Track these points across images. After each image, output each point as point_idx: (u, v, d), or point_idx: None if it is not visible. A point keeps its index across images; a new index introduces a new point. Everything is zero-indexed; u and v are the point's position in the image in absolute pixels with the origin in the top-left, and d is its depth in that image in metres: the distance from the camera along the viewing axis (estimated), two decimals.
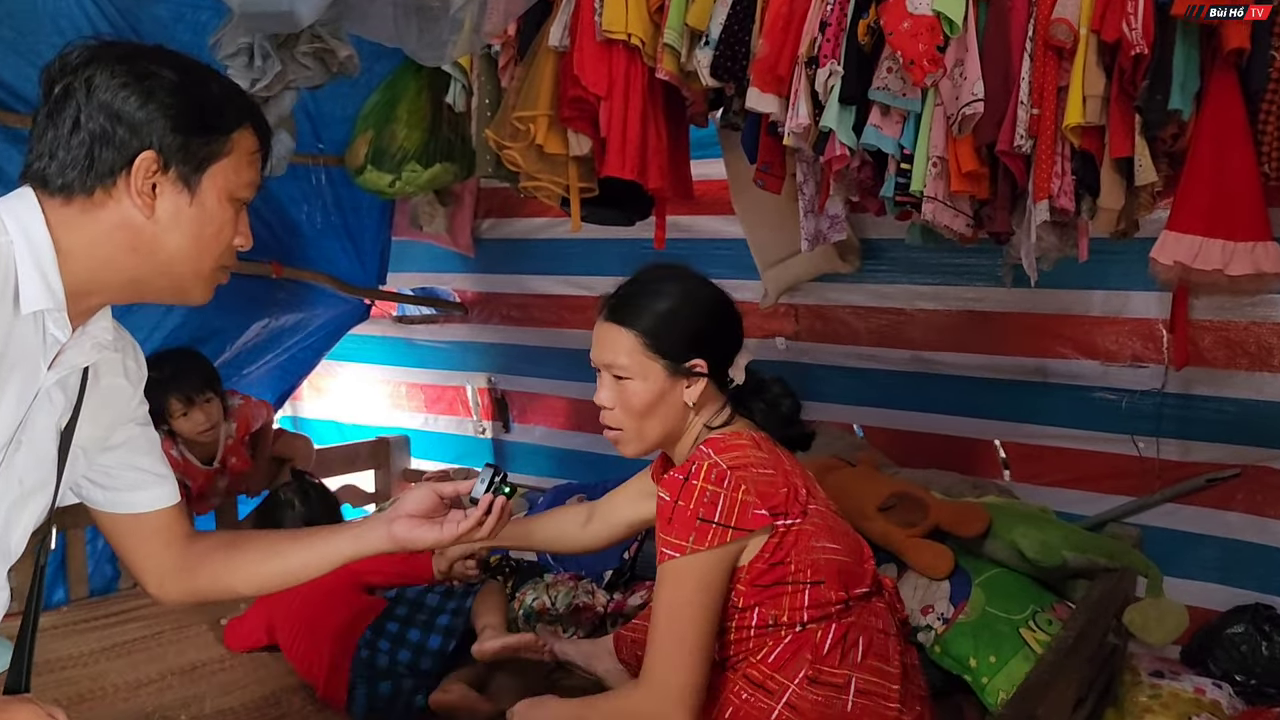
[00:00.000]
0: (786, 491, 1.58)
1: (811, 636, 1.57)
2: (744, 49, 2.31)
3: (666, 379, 1.64)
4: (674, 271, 1.74)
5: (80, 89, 1.12)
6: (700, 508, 1.52)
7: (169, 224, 1.17)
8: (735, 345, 1.73)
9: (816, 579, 1.58)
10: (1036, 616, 2.18)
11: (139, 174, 1.14)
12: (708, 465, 1.54)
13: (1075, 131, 1.96)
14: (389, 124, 3.21)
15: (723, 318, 1.72)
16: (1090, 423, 2.71)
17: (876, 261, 2.94)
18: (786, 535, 1.56)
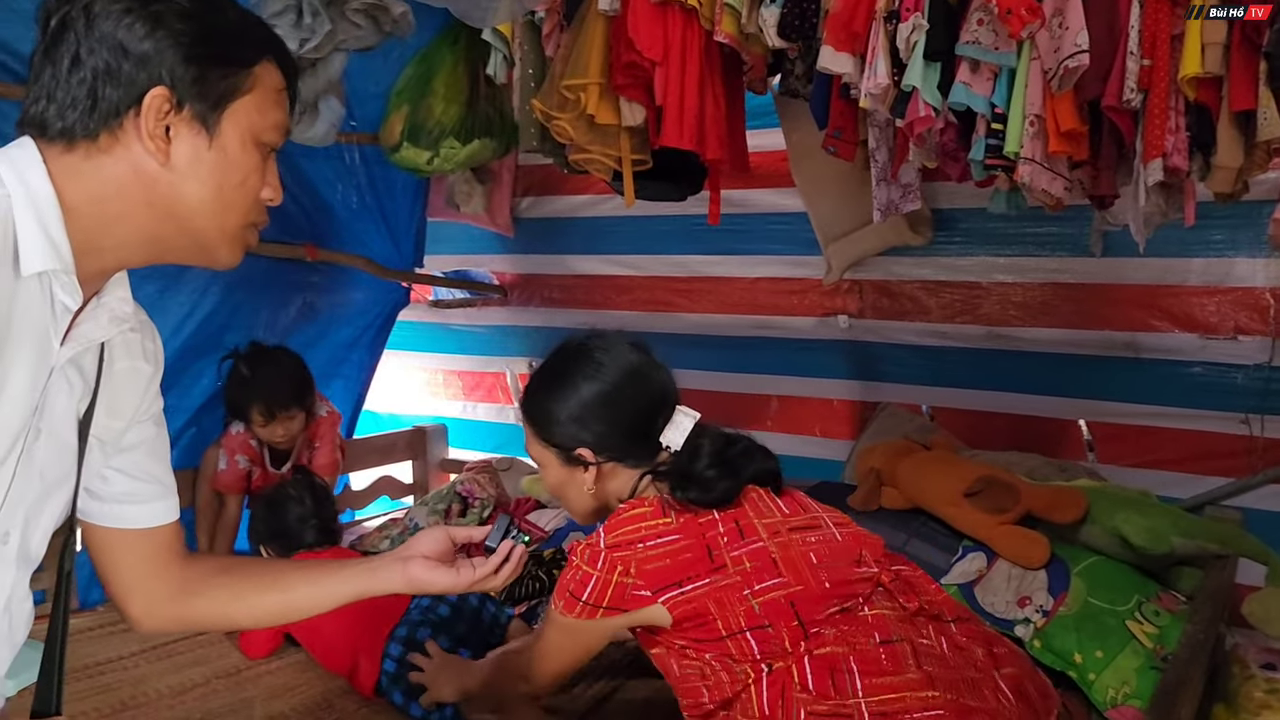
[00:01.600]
0: (690, 557, 1.52)
1: (787, 675, 1.47)
2: (814, 6, 2.17)
3: (561, 467, 1.68)
4: (572, 350, 1.72)
5: (79, 19, 0.98)
6: (571, 583, 1.55)
7: (187, 171, 1.03)
8: (643, 424, 1.66)
9: (755, 624, 1.49)
10: (1142, 607, 2.06)
11: (150, 113, 0.99)
12: (586, 546, 1.56)
13: (1191, 83, 1.80)
14: (425, 99, 3.08)
15: (615, 404, 1.66)
16: (1186, 400, 2.56)
17: (949, 233, 2.79)
18: (693, 598, 1.50)
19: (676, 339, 3.49)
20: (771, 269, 3.20)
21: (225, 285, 3.04)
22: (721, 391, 3.44)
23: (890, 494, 2.44)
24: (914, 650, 1.49)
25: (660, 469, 1.65)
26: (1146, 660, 1.95)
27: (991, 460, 2.53)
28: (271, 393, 2.80)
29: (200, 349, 3.06)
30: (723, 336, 3.36)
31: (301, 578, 1.36)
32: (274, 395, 2.80)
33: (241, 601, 1.33)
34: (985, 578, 2.17)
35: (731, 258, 3.26)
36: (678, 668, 1.57)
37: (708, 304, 3.36)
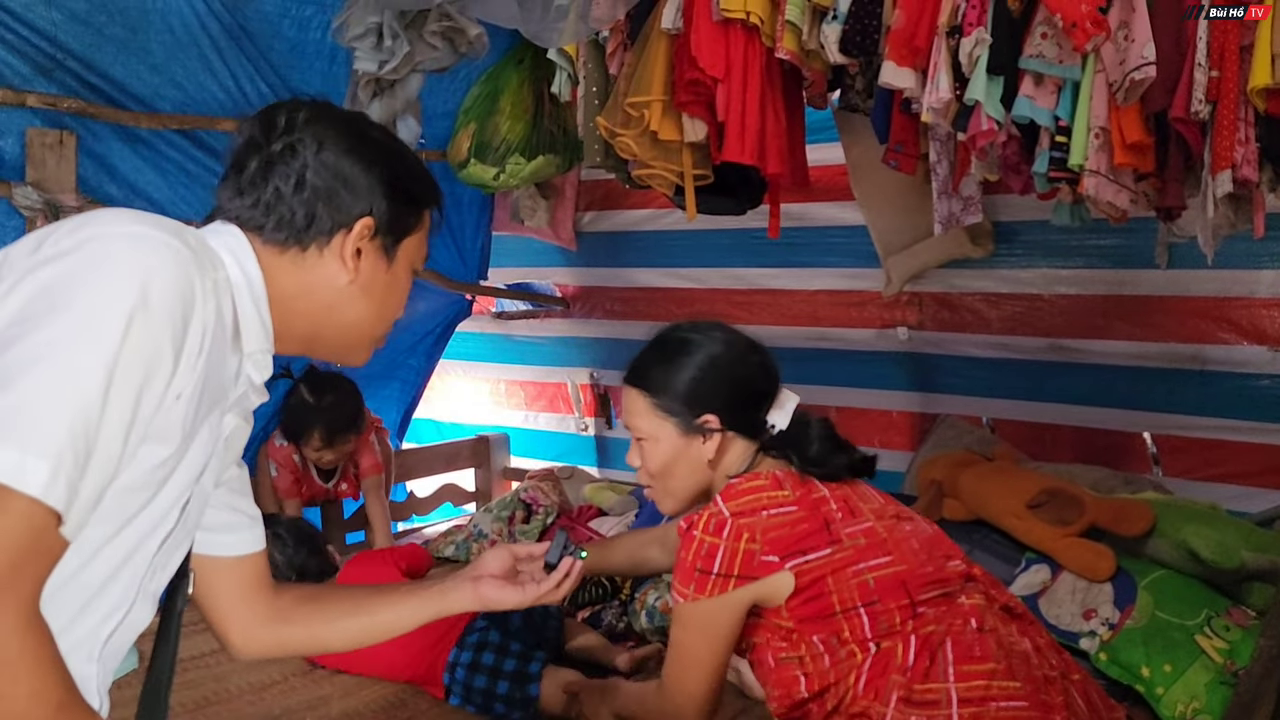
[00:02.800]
0: (808, 528, 1.55)
1: (891, 655, 1.50)
2: (875, 22, 2.19)
3: (680, 437, 1.65)
4: (687, 328, 1.75)
5: (310, 148, 1.14)
6: (698, 559, 1.53)
7: (365, 288, 1.19)
8: (759, 395, 1.69)
9: (869, 600, 1.53)
10: (1212, 622, 2.03)
11: (355, 238, 1.16)
12: (708, 515, 1.55)
13: (1261, 94, 1.79)
14: (492, 116, 3.16)
15: (735, 370, 1.69)
16: (1255, 413, 2.52)
17: (1010, 245, 2.78)
18: (815, 571, 1.52)
19: None
20: (831, 281, 3.21)
21: None
22: None
23: (952, 505, 2.44)
24: (1000, 643, 1.52)
25: (772, 445, 1.67)
26: (1217, 676, 1.93)
27: (1055, 473, 2.51)
28: (334, 419, 2.89)
29: None
30: (782, 349, 3.30)
31: (383, 602, 1.46)
32: (336, 422, 2.90)
33: (331, 626, 1.43)
34: (1049, 590, 2.17)
35: (791, 270, 3.28)
36: (774, 659, 1.58)
37: (767, 316, 3.38)
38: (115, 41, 2.52)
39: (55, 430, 0.83)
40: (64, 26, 2.41)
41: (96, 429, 0.86)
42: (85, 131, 2.53)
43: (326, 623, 1.42)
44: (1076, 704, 1.51)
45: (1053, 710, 1.46)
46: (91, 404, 0.86)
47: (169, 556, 1.13)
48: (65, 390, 0.84)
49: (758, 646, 1.61)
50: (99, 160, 2.59)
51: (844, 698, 1.52)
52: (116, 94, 2.58)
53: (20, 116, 2.43)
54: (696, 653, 1.58)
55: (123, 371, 0.88)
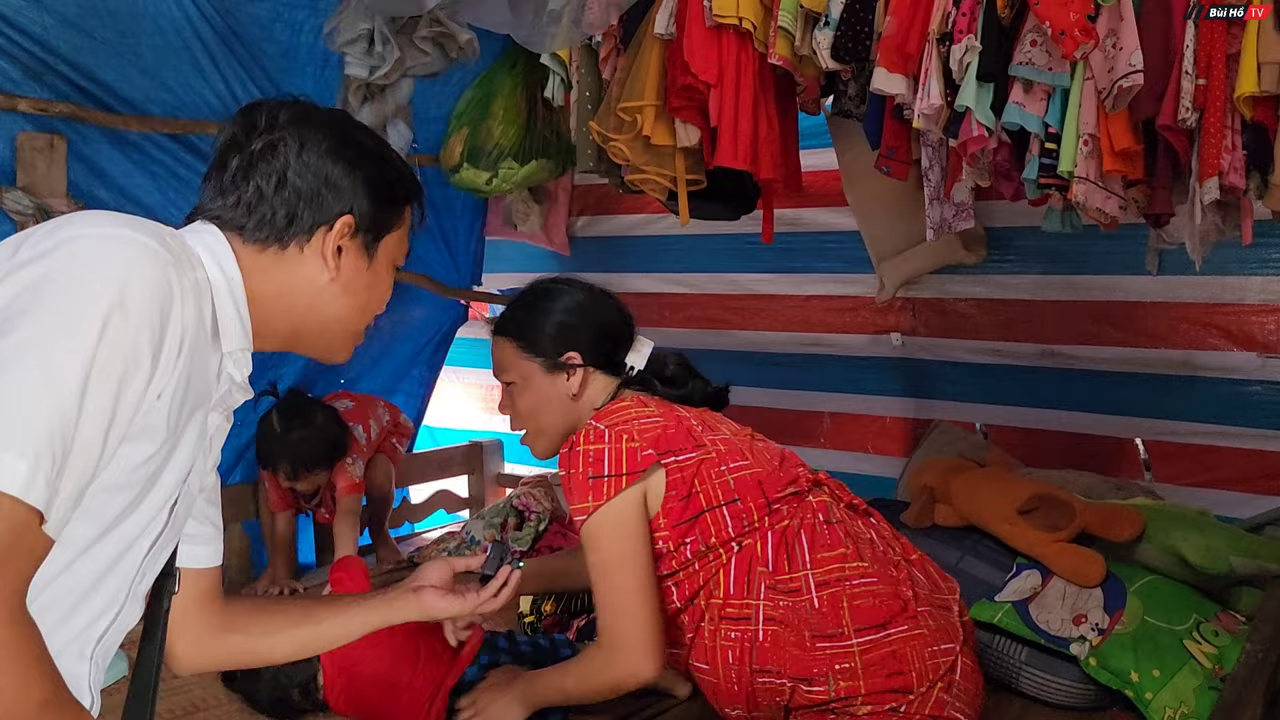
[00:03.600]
0: (676, 432, 1.70)
1: (751, 551, 1.68)
2: (867, 28, 2.19)
3: (545, 376, 1.78)
4: (546, 280, 1.91)
5: (291, 147, 1.15)
6: (588, 469, 1.64)
7: (346, 286, 1.21)
8: (617, 335, 1.85)
9: (730, 498, 1.68)
10: (1200, 627, 2.04)
11: (336, 236, 1.18)
12: (586, 430, 1.68)
13: (1247, 102, 1.80)
14: (484, 121, 3.16)
15: (592, 312, 1.84)
16: (1245, 419, 2.53)
17: (1002, 251, 2.79)
18: (685, 468, 1.67)
19: (729, 356, 3.51)
20: (824, 287, 3.22)
21: None
22: (774, 408, 3.45)
23: (944, 511, 2.44)
24: (848, 531, 1.73)
25: (632, 379, 1.85)
26: (1205, 680, 1.93)
27: (1046, 478, 2.51)
28: (299, 454, 2.78)
29: (264, 364, 3.15)
30: (775, 354, 3.38)
31: (328, 612, 1.48)
32: (301, 457, 2.79)
33: (277, 637, 1.43)
34: (1040, 595, 2.17)
35: (784, 276, 3.28)
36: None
37: (760, 322, 3.38)
38: (106, 45, 2.52)
39: (33, 429, 0.83)
40: (55, 30, 2.42)
41: (74, 428, 0.87)
42: (76, 135, 2.52)
43: (274, 632, 1.42)
44: (918, 577, 1.74)
45: (899, 582, 1.68)
46: (69, 403, 0.86)
47: (158, 558, 1.13)
48: (42, 390, 0.85)
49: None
50: (90, 164, 2.58)
51: (712, 600, 1.68)
52: (107, 98, 2.58)
53: (11, 121, 2.42)
54: (622, 562, 1.64)
55: (100, 371, 0.88)
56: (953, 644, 1.67)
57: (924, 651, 1.63)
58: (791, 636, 1.63)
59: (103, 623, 1.06)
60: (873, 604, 1.64)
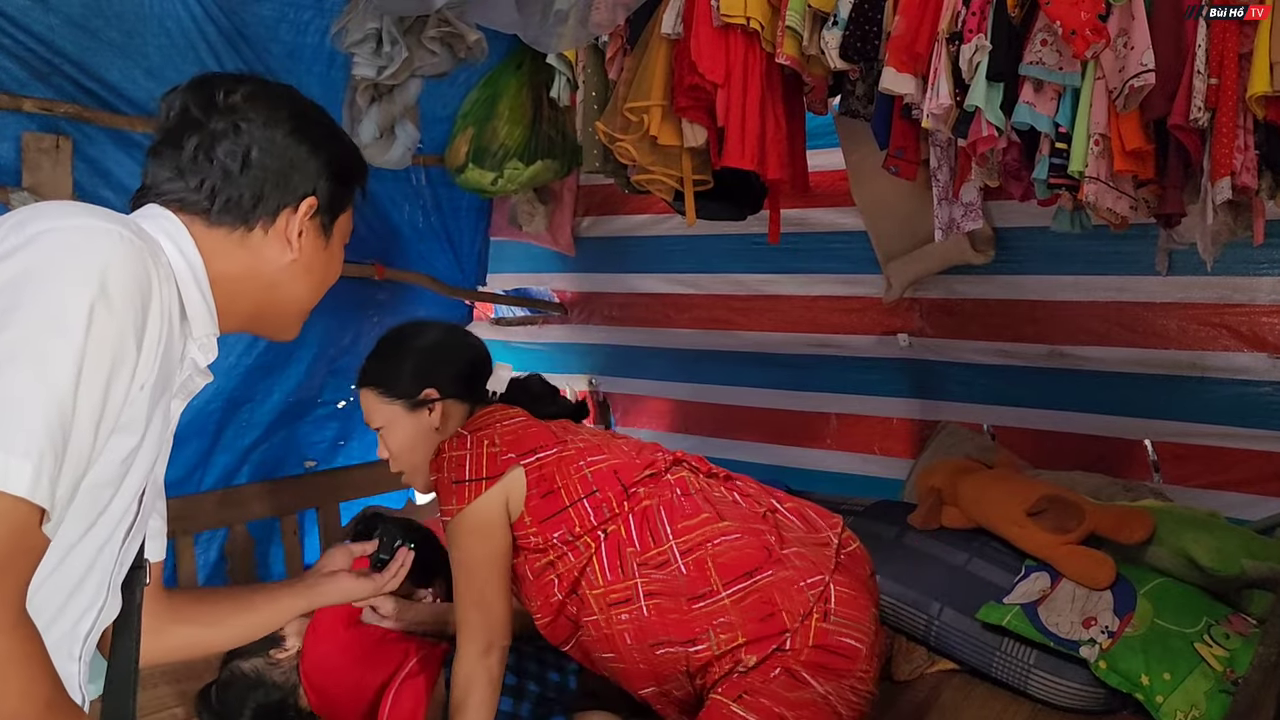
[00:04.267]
0: (537, 430, 1.84)
1: (617, 536, 1.78)
2: (876, 28, 2.18)
3: (408, 415, 1.89)
4: (398, 327, 2.02)
5: (255, 126, 1.14)
6: (451, 473, 1.77)
7: (307, 266, 1.22)
8: (472, 365, 1.99)
9: (589, 490, 1.79)
10: (1211, 630, 2.03)
11: (301, 217, 1.18)
12: (451, 439, 1.83)
13: (1260, 102, 1.78)
14: (490, 121, 3.15)
15: (445, 347, 1.98)
16: (1256, 420, 2.50)
17: (1011, 251, 2.76)
18: (545, 464, 1.79)
19: (736, 357, 3.50)
20: (831, 287, 3.20)
21: None
22: (781, 409, 3.44)
23: (951, 513, 2.44)
24: (707, 498, 1.83)
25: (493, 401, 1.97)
26: (1216, 684, 1.92)
27: (1055, 480, 2.51)
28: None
29: (272, 366, 3.15)
30: (782, 355, 3.37)
31: (263, 598, 1.53)
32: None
33: (219, 626, 1.45)
34: (1049, 598, 2.16)
35: (791, 276, 3.27)
36: (531, 572, 1.82)
37: (767, 322, 3.37)
38: (111, 46, 2.51)
39: (33, 429, 0.83)
40: (60, 31, 2.41)
41: (70, 424, 0.86)
42: (81, 136, 2.52)
43: (215, 622, 1.44)
44: (785, 522, 1.85)
45: (762, 533, 1.78)
46: (65, 399, 0.86)
47: (131, 548, 1.12)
48: (38, 388, 0.84)
49: (518, 566, 1.83)
50: (95, 165, 2.57)
51: (594, 590, 1.78)
52: (112, 98, 2.56)
53: (16, 121, 2.41)
54: (482, 561, 1.78)
55: (90, 365, 0.88)
56: (821, 575, 1.75)
57: (791, 589, 1.72)
58: (671, 605, 1.74)
59: (88, 620, 1.05)
60: (736, 557, 1.75)
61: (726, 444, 3.60)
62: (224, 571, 3.11)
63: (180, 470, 3.00)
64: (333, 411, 3.50)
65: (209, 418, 3.03)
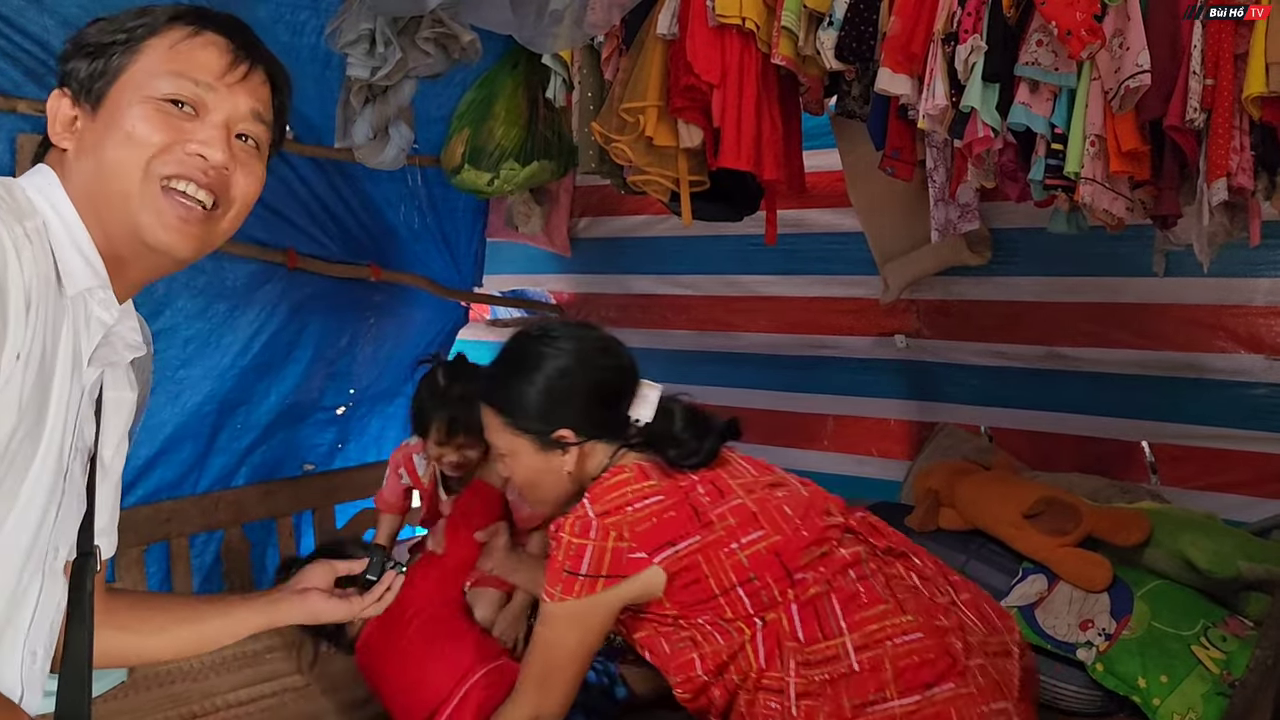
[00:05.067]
0: (676, 516, 1.57)
1: (778, 625, 1.55)
2: (871, 28, 2.18)
3: (537, 454, 1.67)
4: (535, 338, 1.72)
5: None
6: (566, 561, 1.55)
7: (83, 151, 1.07)
8: (615, 395, 1.70)
9: (745, 578, 1.56)
10: (1209, 632, 2.03)
11: (56, 116, 1.09)
12: (574, 518, 1.57)
13: (1256, 103, 1.78)
14: (486, 122, 3.14)
15: (585, 379, 1.68)
16: (1253, 422, 2.49)
17: (1007, 252, 2.76)
18: (684, 557, 1.55)
19: (732, 358, 3.50)
20: (828, 289, 3.19)
21: (292, 305, 3.12)
22: (778, 411, 3.43)
23: (949, 515, 2.43)
24: (887, 581, 1.60)
25: (635, 441, 1.69)
26: (1213, 686, 1.92)
27: (1052, 481, 2.50)
28: (460, 411, 2.40)
29: (267, 367, 3.15)
30: (779, 356, 3.36)
31: (213, 610, 1.42)
32: (461, 415, 2.41)
33: (162, 635, 1.37)
34: (1046, 600, 2.15)
35: (787, 277, 3.26)
36: (668, 644, 1.62)
37: (764, 323, 3.36)
38: None
39: None
40: (55, 32, 2.40)
41: None
42: None
43: (155, 631, 1.36)
44: (969, 623, 1.60)
45: (948, 633, 1.55)
46: None
47: (64, 530, 1.07)
48: None
49: (647, 638, 1.65)
50: None
51: (747, 672, 1.56)
52: None
53: (10, 122, 2.42)
54: (564, 648, 1.60)
55: None
56: (1006, 702, 1.53)
57: (972, 712, 1.49)
58: (828, 707, 1.50)
59: (25, 609, 1.02)
60: (919, 662, 1.51)
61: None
62: (220, 575, 3.10)
63: (175, 472, 3.00)
64: (332, 416, 3.50)
65: (204, 420, 3.03)
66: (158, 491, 2.95)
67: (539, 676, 1.64)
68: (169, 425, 2.93)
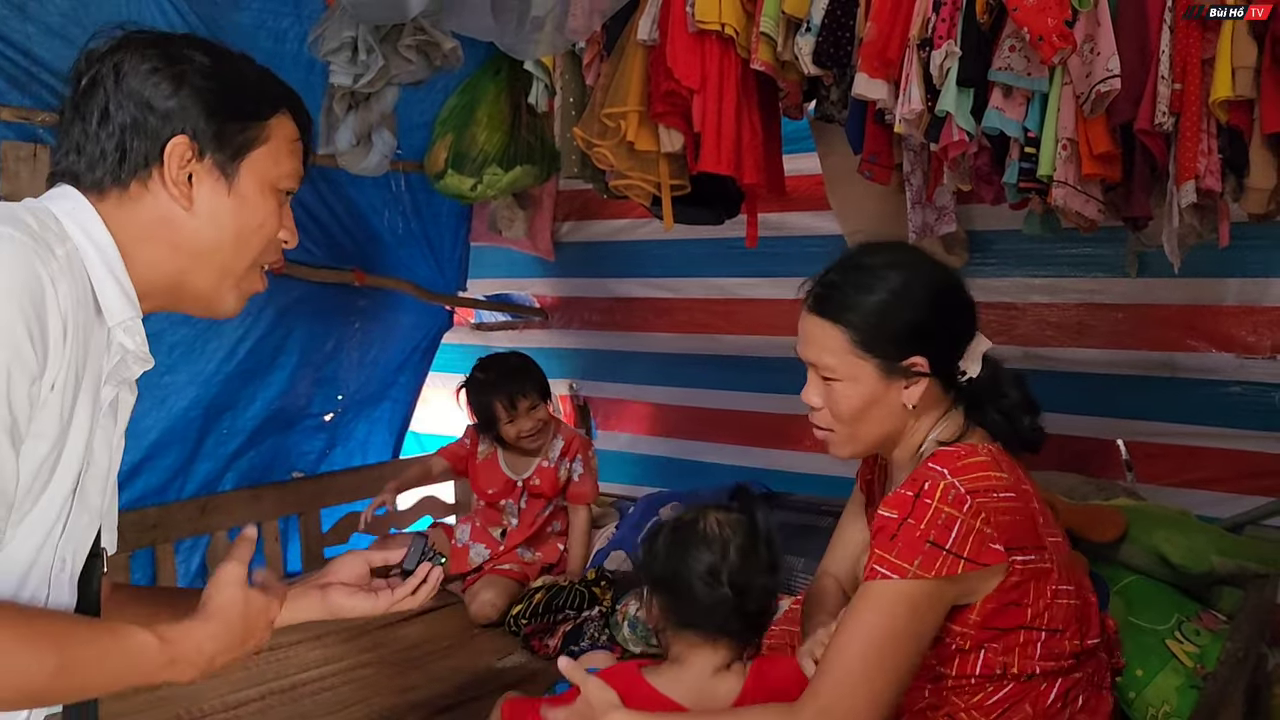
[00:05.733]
0: (1025, 521, 1.39)
1: (1036, 687, 1.41)
2: (848, 34, 2.20)
3: (880, 380, 1.44)
4: (889, 252, 1.54)
5: (108, 77, 1.05)
6: (932, 530, 1.31)
7: (208, 216, 1.09)
8: (965, 336, 1.50)
9: (1054, 627, 1.40)
10: (1182, 626, 2.07)
11: (173, 162, 1.07)
12: (944, 485, 1.34)
13: (1223, 106, 1.82)
14: (469, 127, 3.17)
15: (949, 307, 1.49)
16: (1225, 419, 2.54)
17: (984, 254, 2.80)
18: (1025, 573, 1.37)
19: (715, 360, 3.52)
20: None
21: (278, 310, 3.13)
22: (760, 412, 3.46)
23: None
24: (1113, 705, 1.52)
25: (965, 397, 1.50)
26: (1187, 679, 1.95)
27: None
28: (510, 382, 2.91)
29: (253, 373, 3.15)
30: (761, 358, 3.38)
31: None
32: (513, 384, 2.90)
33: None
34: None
35: (769, 280, 3.28)
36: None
37: (745, 326, 3.39)
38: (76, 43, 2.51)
39: None
40: (38, 39, 2.41)
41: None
42: None
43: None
44: None
45: None
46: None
47: (73, 543, 1.09)
48: None
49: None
50: None
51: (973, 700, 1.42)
52: None
53: None
54: (899, 641, 1.31)
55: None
56: None
57: None
58: None
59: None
60: None
61: (707, 447, 3.62)
62: (205, 581, 3.10)
63: (160, 478, 3.00)
64: (321, 423, 3.50)
65: (189, 425, 3.03)
66: (144, 497, 2.96)
67: (855, 680, 1.30)
68: (154, 431, 2.93)
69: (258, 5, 2.70)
